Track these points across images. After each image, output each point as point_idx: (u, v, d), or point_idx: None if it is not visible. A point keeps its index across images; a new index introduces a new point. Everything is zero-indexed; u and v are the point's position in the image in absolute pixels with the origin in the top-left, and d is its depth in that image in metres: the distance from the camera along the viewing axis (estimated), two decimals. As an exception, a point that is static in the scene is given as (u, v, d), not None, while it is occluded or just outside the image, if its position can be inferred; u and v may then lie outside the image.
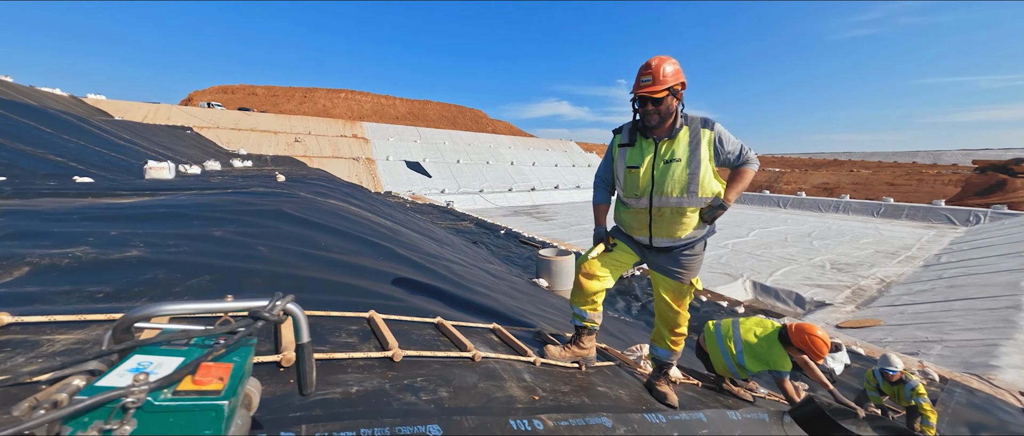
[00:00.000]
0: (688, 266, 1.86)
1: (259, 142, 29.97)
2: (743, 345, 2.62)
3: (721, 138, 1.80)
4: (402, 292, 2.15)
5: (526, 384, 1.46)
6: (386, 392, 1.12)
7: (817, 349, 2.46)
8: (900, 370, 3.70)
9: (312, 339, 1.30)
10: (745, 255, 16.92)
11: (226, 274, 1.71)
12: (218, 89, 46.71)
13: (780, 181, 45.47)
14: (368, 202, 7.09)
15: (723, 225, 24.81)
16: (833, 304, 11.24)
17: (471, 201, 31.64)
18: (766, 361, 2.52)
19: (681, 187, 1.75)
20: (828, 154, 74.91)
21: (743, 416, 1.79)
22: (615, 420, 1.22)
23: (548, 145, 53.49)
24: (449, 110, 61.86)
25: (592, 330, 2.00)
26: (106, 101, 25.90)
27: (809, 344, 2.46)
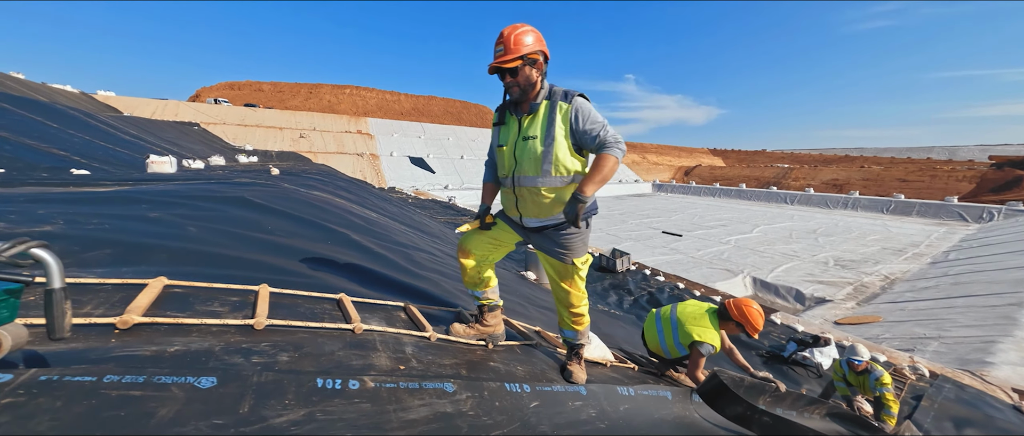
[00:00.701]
0: (567, 246, 1.74)
1: (265, 138, 30.34)
2: (677, 321, 2.62)
3: (578, 113, 1.63)
4: (323, 272, 2.13)
5: (401, 356, 1.43)
6: (209, 352, 1.09)
7: (752, 321, 2.48)
8: (865, 360, 3.68)
9: (183, 307, 1.34)
10: (747, 251, 16.75)
11: (129, 249, 1.74)
12: (225, 85, 47.32)
13: (788, 177, 44.79)
14: (360, 196, 7.17)
15: (726, 220, 24.57)
16: (833, 300, 11.10)
17: (475, 197, 31.71)
18: (695, 333, 2.49)
19: (535, 165, 1.64)
20: (839, 150, 73.46)
21: (638, 392, 1.75)
22: (461, 386, 1.22)
23: (553, 141, 53.20)
24: (454, 106, 61.84)
25: (493, 307, 1.93)
26: (115, 97, 26.38)
27: (745, 315, 2.48)
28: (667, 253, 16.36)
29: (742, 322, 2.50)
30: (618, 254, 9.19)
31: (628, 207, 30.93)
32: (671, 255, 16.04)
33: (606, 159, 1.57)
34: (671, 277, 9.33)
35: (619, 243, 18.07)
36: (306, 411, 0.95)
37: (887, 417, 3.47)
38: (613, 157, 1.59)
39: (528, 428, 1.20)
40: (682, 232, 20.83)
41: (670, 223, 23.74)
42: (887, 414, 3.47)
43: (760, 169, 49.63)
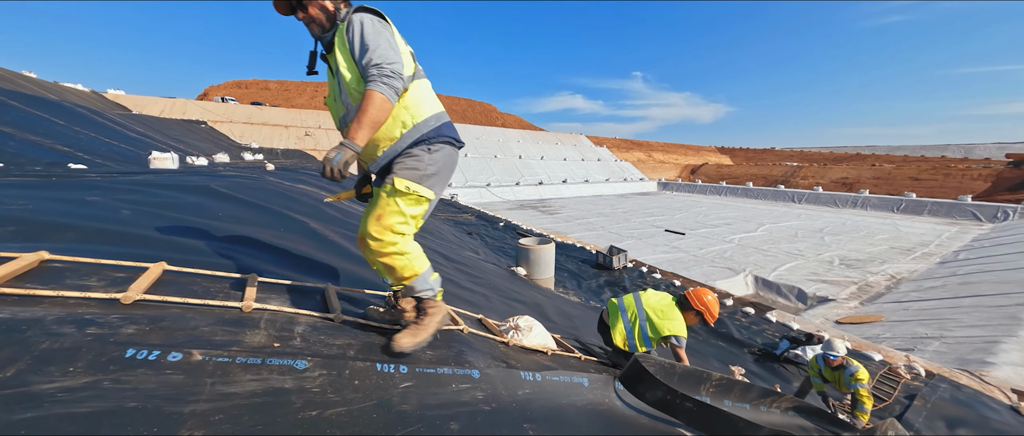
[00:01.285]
0: (399, 172, 1.45)
1: (270, 136, 30.69)
2: (645, 314, 2.61)
3: (350, 30, 1.34)
4: (250, 255, 2.10)
5: (286, 335, 1.33)
6: (39, 321, 1.04)
7: (710, 309, 2.57)
8: (840, 356, 3.62)
9: (52, 280, 1.32)
10: (751, 250, 16.54)
11: (38, 227, 1.78)
12: (233, 84, 47.96)
13: (797, 176, 44.11)
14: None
15: (731, 219, 24.28)
16: (836, 299, 10.92)
17: (477, 195, 31.76)
18: (665, 327, 2.53)
19: (337, 104, 1.44)
20: (850, 148, 72.09)
21: (546, 377, 1.64)
22: (320, 365, 1.14)
23: (557, 139, 53.10)
24: (458, 104, 61.97)
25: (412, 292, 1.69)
26: (125, 96, 26.88)
27: (705, 305, 2.56)
28: (669, 251, 16.23)
29: (701, 311, 2.55)
30: (615, 251, 9.13)
31: (632, 205, 30.73)
32: (673, 253, 15.91)
33: (367, 97, 1.27)
34: (668, 274, 9.25)
35: (620, 241, 17.97)
36: (91, 379, 0.90)
37: (860, 414, 3.41)
38: (378, 95, 1.27)
39: (386, 407, 1.14)
40: (685, 230, 20.64)
41: (674, 221, 23.53)
42: (860, 410, 3.42)
43: (768, 167, 48.93)
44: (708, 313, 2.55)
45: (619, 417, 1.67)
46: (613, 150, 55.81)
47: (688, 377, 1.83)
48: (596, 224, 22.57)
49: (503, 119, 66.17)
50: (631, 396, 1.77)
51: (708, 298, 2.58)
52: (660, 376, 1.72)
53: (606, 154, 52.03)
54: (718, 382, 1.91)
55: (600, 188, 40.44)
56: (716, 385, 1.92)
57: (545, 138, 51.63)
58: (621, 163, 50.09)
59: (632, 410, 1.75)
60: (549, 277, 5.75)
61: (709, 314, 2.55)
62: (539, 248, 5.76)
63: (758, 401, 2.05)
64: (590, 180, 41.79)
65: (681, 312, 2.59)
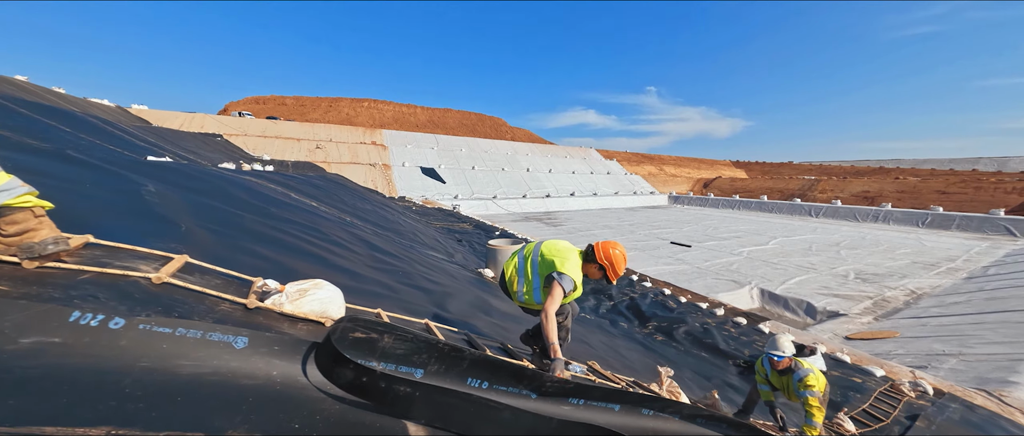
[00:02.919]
0: None
1: (283, 148, 31.60)
2: (540, 251, 2.32)
3: None
4: (176, 239, 2.02)
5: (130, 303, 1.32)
6: None
7: (613, 261, 2.25)
8: (787, 356, 3.12)
9: None
10: (759, 263, 15.79)
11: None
12: (251, 100, 50.13)
13: (814, 189, 42.61)
14: (334, 194, 7.17)
15: (741, 232, 23.40)
16: (847, 314, 10.17)
17: (483, 207, 31.72)
18: (557, 264, 2.22)
19: None
20: (873, 162, 69.55)
21: (187, 333, 1.15)
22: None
23: (566, 152, 53.07)
24: (469, 118, 62.94)
25: None
26: (148, 111, 28.23)
27: (607, 255, 2.25)
28: (672, 263, 15.63)
29: (604, 264, 2.23)
30: (604, 258, 8.76)
31: (640, 218, 30.10)
32: (676, 265, 15.31)
33: None
34: (658, 283, 8.80)
35: (622, 252, 17.47)
36: None
37: (807, 428, 2.92)
38: None
39: None
40: (692, 243, 19.96)
41: (681, 234, 22.84)
42: (808, 425, 2.93)
43: (784, 181, 47.52)
44: (611, 268, 2.24)
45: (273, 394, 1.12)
46: (623, 164, 55.34)
47: (398, 346, 1.30)
48: (600, 236, 22.09)
49: (513, 133, 66.69)
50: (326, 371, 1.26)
51: (614, 251, 2.27)
52: (357, 345, 1.20)
53: (616, 167, 51.59)
54: (470, 358, 1.34)
55: (608, 201, 39.92)
56: (458, 361, 1.35)
57: (554, 151, 51.67)
58: (631, 176, 49.52)
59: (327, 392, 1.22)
60: (520, 280, 5.49)
61: (611, 269, 2.24)
62: (507, 248, 5.50)
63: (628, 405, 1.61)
64: (598, 193, 41.34)
65: (584, 263, 2.31)
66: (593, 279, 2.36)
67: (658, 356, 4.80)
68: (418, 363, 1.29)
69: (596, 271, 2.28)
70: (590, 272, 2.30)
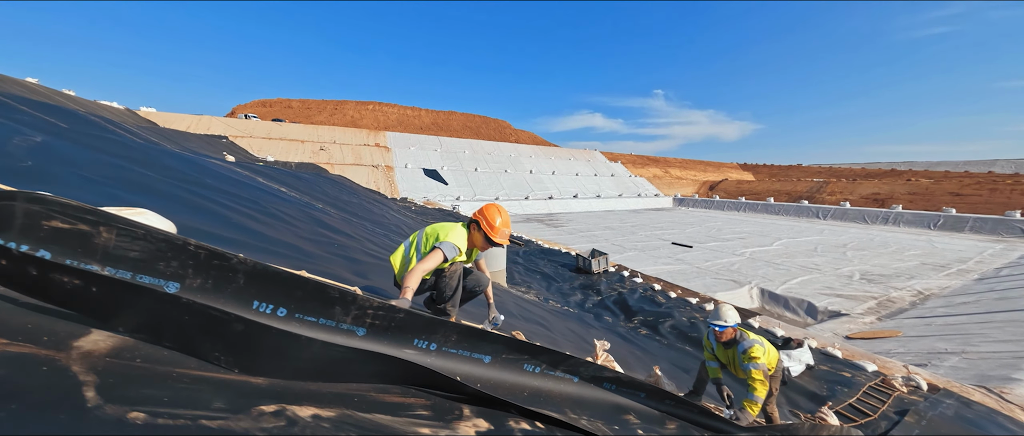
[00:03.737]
0: None
1: (287, 150, 31.95)
2: (424, 231, 2.26)
3: None
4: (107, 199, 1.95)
5: None
6: None
7: (487, 218, 2.21)
8: (729, 326, 2.90)
9: None
10: (761, 263, 15.45)
11: None
12: (258, 103, 50.91)
13: (823, 191, 41.83)
14: (317, 186, 7.14)
15: (746, 234, 22.95)
16: (849, 314, 9.84)
17: (484, 208, 31.67)
18: (441, 236, 2.18)
19: None
20: (884, 164, 68.11)
21: None
22: None
23: (570, 154, 52.90)
24: (473, 121, 63.15)
25: None
26: (156, 113, 28.77)
27: (483, 214, 2.23)
28: (672, 263, 15.36)
29: (478, 219, 2.20)
30: (596, 254, 8.60)
31: (643, 220, 29.77)
32: (675, 265, 15.03)
33: None
34: (649, 279, 8.60)
35: (622, 252, 17.23)
36: None
37: (747, 403, 2.70)
38: None
39: None
40: (693, 244, 19.63)
41: (684, 235, 22.51)
42: (748, 399, 2.72)
43: (792, 183, 46.75)
44: (486, 224, 2.19)
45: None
46: (628, 166, 54.97)
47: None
48: (600, 236, 21.86)
49: (517, 135, 66.73)
50: None
51: (490, 210, 2.22)
52: (47, 239, 0.88)
53: (620, 170, 51.27)
54: (246, 270, 1.03)
55: (612, 203, 39.62)
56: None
57: (557, 154, 51.55)
58: (636, 179, 49.15)
59: None
60: (499, 270, 5.34)
61: (487, 225, 2.19)
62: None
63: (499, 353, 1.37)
64: (602, 195, 41.06)
65: (469, 233, 2.25)
66: (480, 247, 2.29)
67: (635, 347, 4.63)
68: (169, 273, 0.96)
69: (479, 237, 2.22)
70: (475, 239, 2.26)
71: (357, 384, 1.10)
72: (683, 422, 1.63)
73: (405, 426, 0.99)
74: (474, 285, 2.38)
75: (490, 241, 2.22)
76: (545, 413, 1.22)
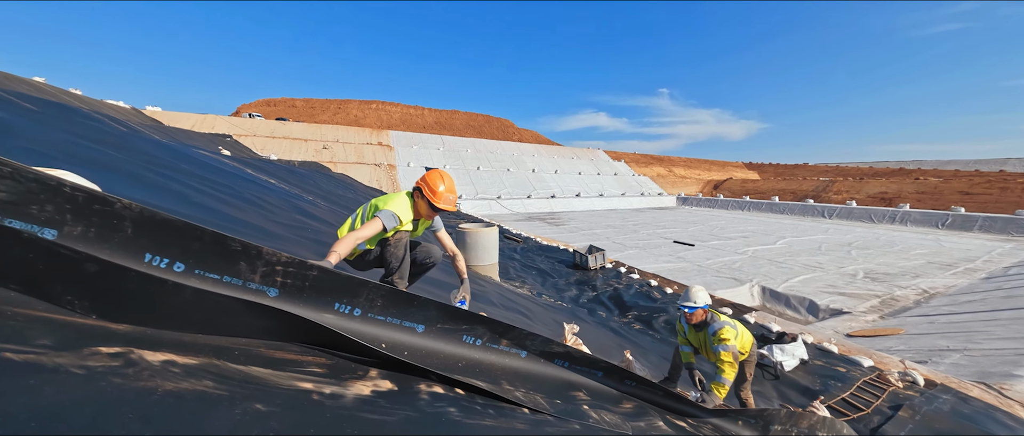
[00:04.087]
0: None
1: (290, 149, 32.16)
2: (368, 209, 2.21)
3: None
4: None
5: None
6: None
7: (429, 185, 2.16)
8: (699, 307, 2.83)
9: None
10: (764, 261, 15.28)
11: None
12: (262, 102, 51.32)
13: (829, 190, 41.35)
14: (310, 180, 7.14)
15: (749, 233, 22.74)
16: (851, 313, 9.70)
17: (487, 206, 31.65)
18: (381, 202, 2.18)
19: None
20: (893, 163, 67.18)
21: None
22: None
23: (573, 153, 52.75)
24: (476, 120, 63.22)
25: None
26: (161, 112, 29.08)
27: (424, 179, 2.19)
28: (672, 261, 15.24)
29: (422, 189, 2.15)
30: (593, 250, 8.55)
31: (645, 219, 29.60)
32: (676, 263, 14.91)
33: None
34: (646, 275, 8.53)
35: (623, 251, 17.14)
36: None
37: (715, 386, 2.64)
38: None
39: None
40: (695, 242, 19.48)
41: (686, 234, 22.34)
42: (716, 381, 2.65)
43: (798, 182, 46.28)
44: (427, 189, 2.14)
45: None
46: (632, 165, 54.72)
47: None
48: (602, 235, 21.75)
49: (520, 134, 66.74)
50: None
51: (432, 176, 2.19)
52: None
53: (623, 169, 51.04)
54: (133, 217, 0.92)
55: (615, 202, 39.46)
56: None
57: (560, 153, 51.44)
58: (639, 178, 48.91)
59: None
60: (490, 264, 5.31)
61: (428, 190, 2.14)
62: (475, 231, 5.36)
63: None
64: (605, 194, 40.91)
65: (411, 201, 2.22)
66: (425, 215, 2.22)
67: (626, 341, 4.58)
68: (45, 219, 0.85)
69: (424, 204, 2.17)
70: (420, 207, 2.20)
71: (247, 339, 1.02)
72: (642, 402, 1.58)
73: (283, 380, 0.91)
74: (424, 258, 2.33)
75: (434, 208, 2.16)
76: (464, 380, 1.16)
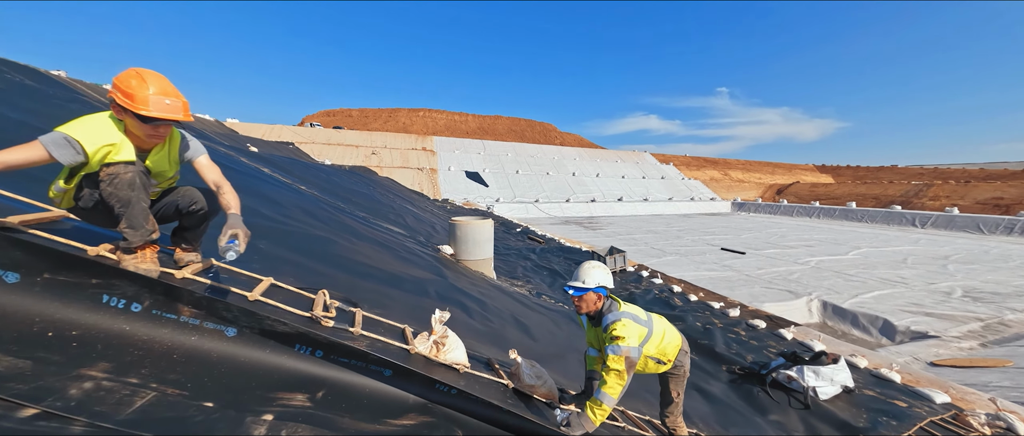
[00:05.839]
0: None
1: (343, 154, 34.49)
2: None
3: None
4: None
5: None
6: None
7: (122, 89, 1.49)
8: (589, 289, 2.07)
9: None
10: (829, 273, 13.31)
11: None
12: (323, 113, 56.04)
13: (923, 196, 35.50)
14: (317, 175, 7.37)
15: (814, 242, 20.04)
16: (940, 337, 7.98)
17: (524, 210, 31.41)
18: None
19: None
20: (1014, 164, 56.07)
21: None
22: None
23: (617, 156, 50.89)
24: (518, 124, 63.57)
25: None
26: (238, 123, 32.72)
27: (116, 85, 1.51)
28: (716, 270, 13.82)
29: (116, 97, 1.50)
30: (613, 251, 7.92)
31: (692, 225, 27.48)
32: (720, 272, 13.50)
33: None
34: (670, 280, 7.68)
35: (660, 256, 15.92)
36: None
37: (591, 404, 1.91)
38: None
39: None
40: (747, 250, 17.58)
41: (738, 241, 20.30)
42: (594, 399, 1.92)
43: (881, 186, 40.38)
44: (121, 95, 1.48)
45: None
46: (681, 168, 51.47)
47: None
48: (640, 240, 20.47)
49: (562, 138, 65.77)
50: None
51: (125, 76, 1.53)
52: None
53: (672, 172, 48.18)
54: None
55: (660, 207, 37.25)
56: None
57: (603, 156, 49.88)
58: (689, 182, 45.84)
59: None
60: (484, 259, 4.98)
61: (122, 96, 1.49)
62: (466, 224, 5.08)
63: None
64: (650, 199, 38.80)
65: (114, 122, 1.59)
66: (148, 137, 1.60)
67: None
68: None
69: (132, 120, 1.53)
70: (130, 126, 1.57)
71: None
72: (451, 418, 1.18)
73: None
74: (188, 205, 1.74)
75: (143, 118, 1.51)
76: None
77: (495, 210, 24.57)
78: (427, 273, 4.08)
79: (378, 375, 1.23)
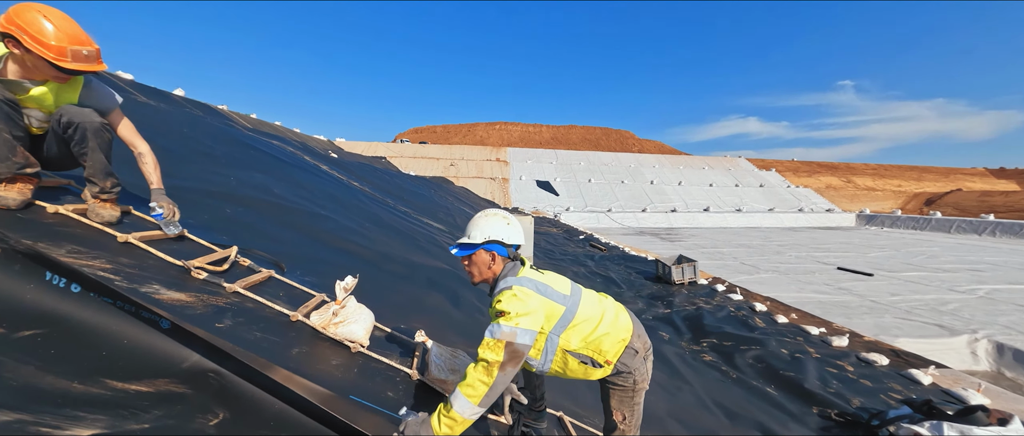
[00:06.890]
0: None
1: (426, 167, 37.49)
2: None
3: None
4: None
5: None
6: None
7: (21, 24, 1.21)
8: (479, 248, 1.50)
9: None
10: (1008, 306, 9.92)
11: None
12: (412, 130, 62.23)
13: None
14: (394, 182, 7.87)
15: (983, 265, 15.13)
16: None
17: (595, 219, 30.20)
18: None
19: None
20: None
21: None
22: None
23: (705, 163, 46.13)
24: (592, 133, 62.06)
25: None
26: (344, 142, 37.91)
27: (11, 18, 1.24)
28: (826, 292, 11.30)
29: (14, 33, 1.25)
30: (682, 260, 6.97)
31: (799, 239, 23.25)
32: (831, 295, 10.99)
33: None
34: (753, 297, 6.38)
35: (752, 273, 13.65)
36: None
37: (442, 411, 1.31)
38: None
39: None
40: (876, 271, 14.12)
41: (863, 261, 16.49)
42: (446, 405, 1.32)
43: (1104, 195, 29.50)
44: (28, 36, 1.24)
45: None
46: (786, 175, 44.45)
47: None
48: (728, 254, 17.90)
49: (641, 145, 62.11)
50: None
51: (23, 10, 1.27)
52: None
53: (774, 179, 41.88)
54: None
55: (758, 219, 32.45)
56: None
57: (687, 162, 45.70)
58: (797, 190, 39.28)
59: None
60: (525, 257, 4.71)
61: (29, 38, 1.23)
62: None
63: None
64: (744, 209, 34.18)
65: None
66: (49, 76, 1.42)
67: (672, 376, 3.33)
68: None
69: (33, 59, 1.34)
70: (26, 62, 1.38)
71: None
72: (230, 391, 0.87)
73: None
74: (60, 126, 1.48)
75: (59, 69, 1.35)
76: None
77: (563, 219, 24.02)
78: (445, 264, 3.97)
79: (154, 325, 1.05)
